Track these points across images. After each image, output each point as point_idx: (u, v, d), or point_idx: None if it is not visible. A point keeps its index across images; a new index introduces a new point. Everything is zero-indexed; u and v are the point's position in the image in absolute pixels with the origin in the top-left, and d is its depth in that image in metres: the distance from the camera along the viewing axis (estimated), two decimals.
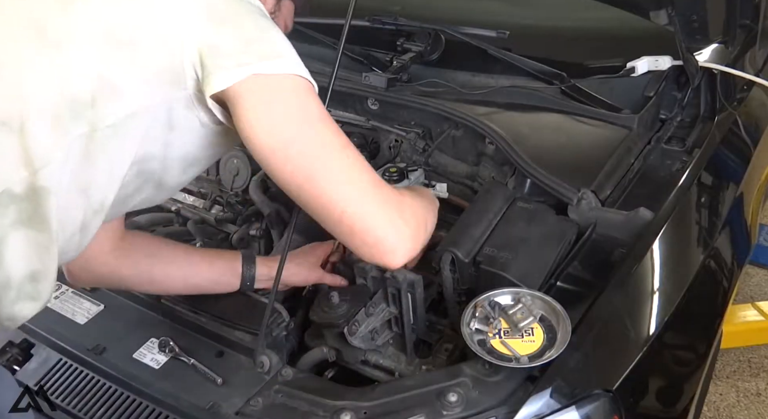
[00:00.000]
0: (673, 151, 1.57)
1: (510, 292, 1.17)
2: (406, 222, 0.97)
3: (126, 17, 0.92)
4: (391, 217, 0.96)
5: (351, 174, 0.95)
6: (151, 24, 0.92)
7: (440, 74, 1.78)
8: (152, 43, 0.92)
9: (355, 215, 0.94)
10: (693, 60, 1.62)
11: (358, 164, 0.96)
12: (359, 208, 0.94)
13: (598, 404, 1.05)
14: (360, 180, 0.95)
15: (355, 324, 1.22)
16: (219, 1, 0.96)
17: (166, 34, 0.92)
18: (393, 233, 0.96)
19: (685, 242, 1.39)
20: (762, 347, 2.39)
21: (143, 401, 1.16)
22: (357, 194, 0.94)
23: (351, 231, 0.95)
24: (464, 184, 1.66)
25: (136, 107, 0.92)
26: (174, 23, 0.92)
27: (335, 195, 0.93)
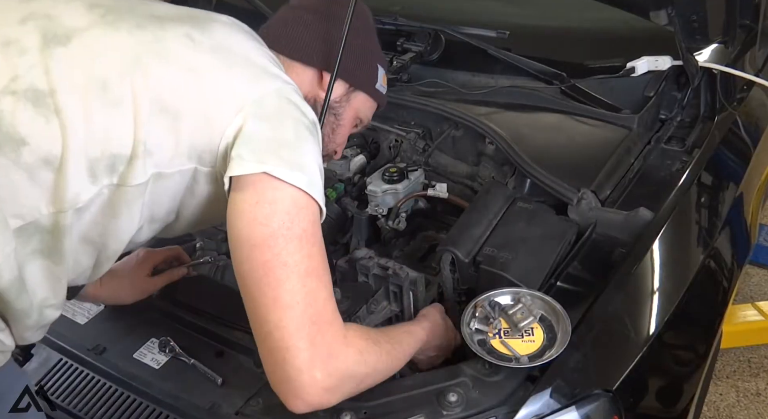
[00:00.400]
0: (673, 151, 1.57)
1: (510, 292, 1.17)
2: (328, 374, 0.93)
3: (179, 87, 0.95)
4: (312, 363, 0.92)
5: (298, 302, 0.92)
6: (200, 100, 0.96)
7: (440, 74, 1.78)
8: (196, 119, 0.95)
9: (280, 342, 0.92)
10: (693, 60, 1.62)
11: (311, 296, 0.93)
12: (287, 338, 0.91)
13: (598, 404, 1.04)
14: (304, 312, 0.92)
15: (356, 322, 1.22)
16: (272, 98, 0.99)
17: (213, 115, 0.96)
18: (306, 380, 0.92)
19: (685, 242, 1.39)
20: (762, 347, 2.39)
21: (143, 401, 1.16)
22: (293, 324, 0.92)
23: (269, 354, 0.94)
24: (464, 184, 1.66)
25: (166, 173, 0.96)
26: (223, 107, 0.96)
27: (272, 314, 0.92)
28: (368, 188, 1.61)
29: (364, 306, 1.25)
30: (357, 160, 1.78)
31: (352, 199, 1.66)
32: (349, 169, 1.75)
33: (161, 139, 0.94)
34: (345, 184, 1.69)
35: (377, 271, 1.26)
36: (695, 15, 1.64)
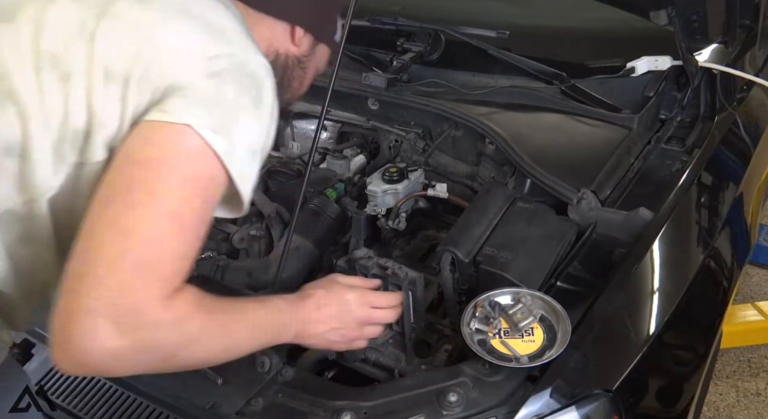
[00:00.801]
0: (672, 151, 1.57)
1: (510, 292, 1.17)
2: (121, 332, 0.76)
3: (126, 51, 0.87)
4: (108, 309, 0.76)
5: (136, 234, 0.79)
6: (148, 63, 0.87)
7: (440, 74, 1.78)
8: (143, 84, 0.87)
9: (82, 266, 0.79)
10: (693, 60, 1.62)
11: (157, 240, 0.81)
12: (93, 264, 0.78)
13: (598, 404, 1.05)
14: (134, 249, 0.79)
15: None
16: (222, 61, 0.90)
17: (159, 77, 0.87)
18: (88, 326, 0.75)
19: (685, 242, 1.39)
20: (762, 347, 2.39)
21: (143, 401, 1.16)
22: (113, 254, 0.78)
23: (65, 279, 0.79)
24: (464, 184, 1.66)
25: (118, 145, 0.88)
26: (171, 68, 0.88)
27: (99, 233, 0.80)
28: (368, 188, 1.61)
29: None
30: (357, 160, 1.78)
31: (352, 198, 1.66)
32: (349, 169, 1.75)
33: (112, 109, 0.87)
34: (345, 184, 1.69)
35: (376, 271, 1.26)
36: (695, 15, 1.64)
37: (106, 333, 0.75)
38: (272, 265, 1.44)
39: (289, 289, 1.43)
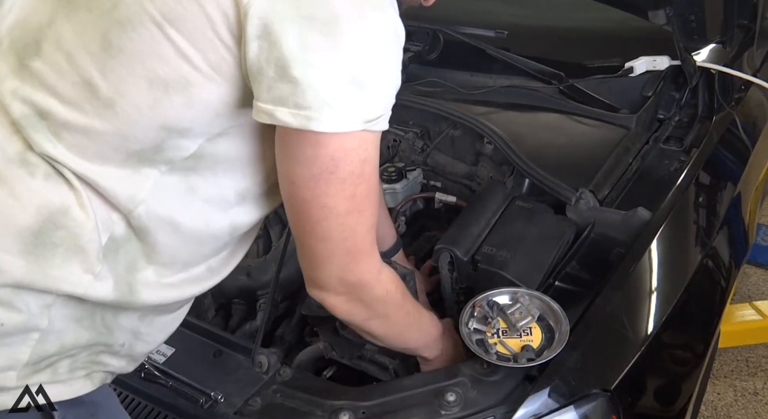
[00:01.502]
0: (671, 151, 1.57)
1: (508, 292, 1.17)
2: (349, 299, 0.97)
3: (168, 54, 0.80)
4: (339, 286, 0.95)
5: (333, 237, 0.90)
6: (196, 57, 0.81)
7: (439, 74, 1.78)
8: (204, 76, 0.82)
9: (313, 260, 0.93)
10: (691, 60, 1.63)
11: (349, 231, 0.91)
12: (321, 259, 0.93)
13: (596, 403, 1.05)
14: (339, 245, 0.91)
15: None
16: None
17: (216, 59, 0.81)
18: (329, 295, 0.96)
19: (683, 242, 1.39)
20: (759, 346, 2.40)
21: (143, 401, 1.16)
22: (327, 252, 0.92)
23: (304, 256, 0.95)
24: (463, 184, 1.66)
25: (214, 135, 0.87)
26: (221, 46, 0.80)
27: (308, 239, 0.92)
28: None
29: None
30: None
31: None
32: None
33: (180, 115, 0.85)
34: None
35: None
36: (693, 15, 1.64)
37: (343, 301, 0.97)
38: (271, 265, 1.44)
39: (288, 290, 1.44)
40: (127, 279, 0.89)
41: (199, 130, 0.84)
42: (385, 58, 0.83)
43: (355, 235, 0.91)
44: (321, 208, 0.87)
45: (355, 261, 0.93)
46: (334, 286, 0.95)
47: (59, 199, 0.83)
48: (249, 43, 0.77)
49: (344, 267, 0.93)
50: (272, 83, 0.78)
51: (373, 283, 0.97)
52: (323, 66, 0.78)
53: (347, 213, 0.88)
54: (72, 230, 0.83)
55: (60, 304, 0.86)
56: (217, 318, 1.51)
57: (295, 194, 0.88)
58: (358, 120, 0.81)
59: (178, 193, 0.88)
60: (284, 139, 0.85)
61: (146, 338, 0.99)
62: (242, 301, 1.50)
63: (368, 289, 0.97)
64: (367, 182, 0.88)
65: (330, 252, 0.92)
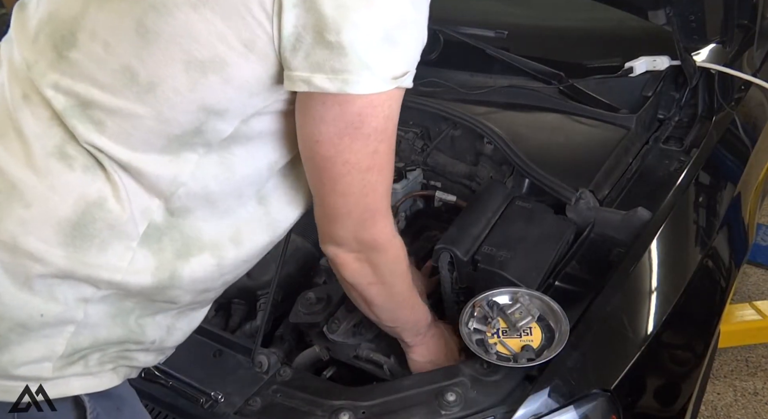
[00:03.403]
0: (670, 151, 1.57)
1: (508, 292, 1.17)
2: (363, 257, 0.99)
3: (203, 35, 0.81)
4: (354, 243, 0.97)
5: (354, 192, 0.92)
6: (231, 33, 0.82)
7: (438, 74, 1.78)
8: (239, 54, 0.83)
9: (333, 215, 0.95)
10: (691, 60, 1.63)
11: (369, 188, 0.93)
12: (340, 216, 0.95)
13: (596, 403, 1.05)
14: (358, 201, 0.93)
15: (335, 322, 1.22)
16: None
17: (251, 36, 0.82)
18: (342, 251, 0.99)
19: (683, 242, 1.39)
20: (759, 346, 2.40)
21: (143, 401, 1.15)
22: (347, 208, 0.94)
23: (323, 214, 0.97)
24: (463, 184, 1.66)
25: (249, 115, 0.89)
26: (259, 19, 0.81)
27: (329, 197, 0.94)
28: None
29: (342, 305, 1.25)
30: None
31: None
32: None
33: (217, 96, 0.88)
34: None
35: None
36: (693, 15, 1.64)
37: (356, 257, 0.99)
38: (271, 265, 1.44)
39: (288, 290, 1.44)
40: (174, 265, 0.91)
41: (235, 111, 0.86)
42: (414, 12, 0.85)
43: (375, 193, 0.93)
44: (344, 163, 0.88)
45: (373, 219, 0.96)
46: (348, 242, 0.97)
47: (96, 192, 0.85)
48: (285, 12, 0.79)
49: (361, 224, 0.95)
50: (310, 49, 0.80)
51: (387, 246, 1.00)
52: (360, 24, 0.79)
53: (369, 169, 0.90)
54: (108, 221, 0.85)
55: (97, 300, 0.89)
56: (217, 318, 1.51)
57: (318, 152, 0.89)
58: (390, 78, 0.84)
59: (216, 173, 0.91)
60: (309, 102, 0.85)
61: (176, 333, 1.03)
62: (242, 301, 1.50)
63: (381, 251, 0.99)
64: (389, 139, 0.91)
65: (349, 208, 0.93)
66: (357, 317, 1.26)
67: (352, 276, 1.02)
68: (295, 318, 1.25)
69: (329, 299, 1.26)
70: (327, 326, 1.21)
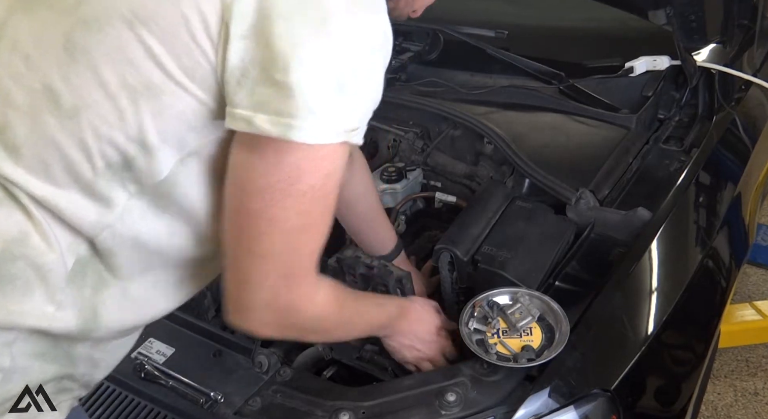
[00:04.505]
0: (671, 151, 1.57)
1: (508, 292, 1.17)
2: (278, 324, 0.87)
3: (139, 58, 0.74)
4: (267, 309, 0.85)
5: (273, 254, 0.81)
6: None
7: (439, 74, 1.78)
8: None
9: (244, 280, 0.83)
10: (691, 60, 1.63)
11: (292, 251, 0.83)
12: (252, 281, 0.83)
13: (597, 403, 1.05)
14: (276, 266, 0.83)
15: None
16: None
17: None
18: (255, 317, 0.86)
19: (683, 242, 1.39)
20: (760, 346, 2.40)
21: (142, 401, 1.16)
22: (262, 273, 0.83)
23: (232, 276, 0.84)
24: (463, 184, 1.66)
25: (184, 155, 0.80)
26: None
27: (244, 260, 0.82)
28: None
29: None
30: None
31: None
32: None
33: (151, 125, 0.80)
34: None
35: (363, 270, 1.27)
36: (693, 15, 1.65)
37: (268, 324, 0.88)
38: None
39: None
40: (93, 301, 0.83)
41: (170, 146, 0.78)
42: (371, 64, 0.78)
43: (298, 256, 0.83)
44: (269, 220, 0.78)
45: (290, 284, 0.84)
46: (259, 310, 0.85)
47: (15, 227, 0.76)
48: (232, 42, 0.72)
49: (276, 291, 0.84)
50: (255, 86, 0.72)
51: (307, 306, 0.88)
52: (312, 65, 0.72)
53: (296, 230, 0.80)
54: (33, 260, 0.77)
55: (21, 340, 0.80)
56: (217, 318, 1.51)
57: (242, 203, 0.78)
58: (339, 130, 0.76)
59: (147, 215, 0.82)
60: (246, 145, 0.76)
61: (101, 364, 0.94)
62: None
63: (299, 313, 0.88)
64: (326, 199, 0.81)
65: (265, 273, 0.82)
66: None
67: (272, 337, 0.93)
68: None
69: None
70: None
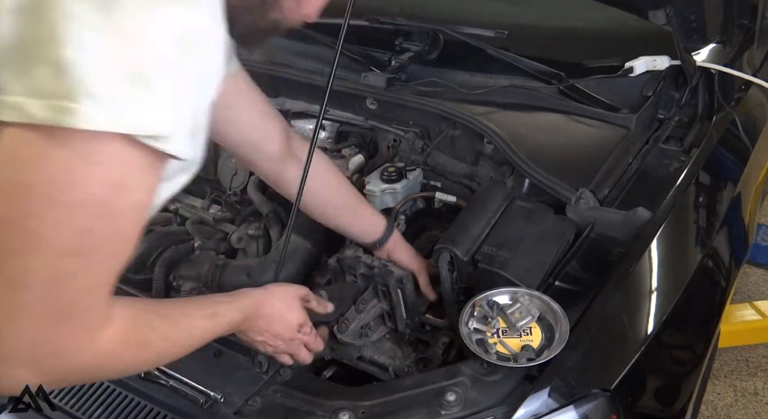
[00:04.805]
0: (670, 151, 1.57)
1: (508, 292, 1.17)
2: (40, 373, 0.69)
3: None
4: (20, 358, 0.67)
5: (36, 284, 0.64)
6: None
7: (439, 74, 1.78)
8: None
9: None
10: (691, 60, 1.63)
11: (64, 282, 0.66)
12: (3, 318, 0.66)
13: (596, 403, 1.05)
14: (41, 300, 0.65)
15: (344, 322, 1.22)
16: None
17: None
18: (2, 371, 0.68)
19: (683, 242, 1.39)
20: (759, 346, 2.40)
21: (142, 401, 1.16)
22: (19, 309, 0.65)
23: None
24: (463, 184, 1.66)
25: None
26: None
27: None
28: (367, 188, 1.61)
29: (352, 306, 1.25)
30: (355, 159, 1.78)
31: None
32: (347, 169, 1.76)
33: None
34: None
35: (364, 271, 1.27)
36: (693, 15, 1.65)
37: (27, 377, 0.69)
38: (271, 265, 1.44)
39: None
40: None
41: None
42: (179, 63, 0.66)
43: (71, 289, 0.66)
44: (27, 235, 0.62)
45: (58, 324, 0.66)
46: (12, 360, 0.67)
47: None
48: (1, 16, 0.62)
49: (38, 332, 0.66)
50: (27, 68, 0.61)
51: (82, 351, 0.70)
52: (93, 46, 0.61)
53: (69, 254, 0.64)
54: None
55: None
56: None
57: (1, 212, 0.62)
58: (129, 124, 0.63)
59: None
60: (14, 139, 0.62)
61: None
62: None
63: (71, 360, 0.70)
64: (117, 219, 0.66)
65: (20, 307, 0.65)
66: (365, 319, 1.26)
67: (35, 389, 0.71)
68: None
69: (342, 299, 1.26)
70: (337, 326, 1.21)
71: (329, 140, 1.88)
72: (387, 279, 1.22)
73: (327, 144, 1.86)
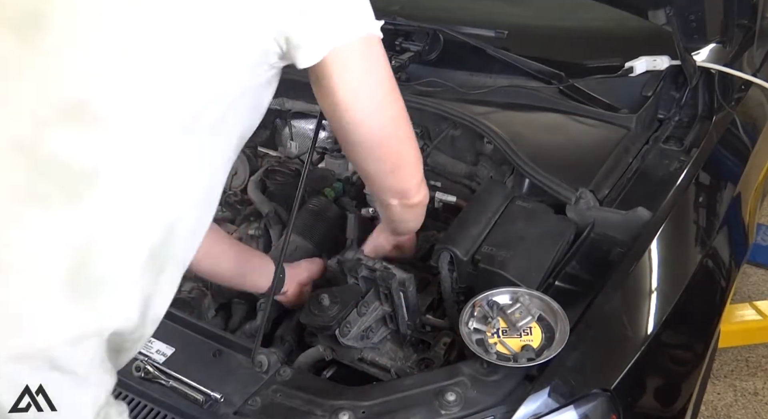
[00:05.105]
0: (670, 151, 1.57)
1: (508, 292, 1.17)
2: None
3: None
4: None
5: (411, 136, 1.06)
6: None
7: (439, 74, 1.78)
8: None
9: (407, 161, 1.07)
10: (691, 60, 1.63)
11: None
12: (413, 156, 1.08)
13: (596, 403, 1.05)
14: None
15: (346, 326, 1.22)
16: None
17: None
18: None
19: (683, 242, 1.39)
20: (759, 346, 2.40)
21: (142, 401, 1.16)
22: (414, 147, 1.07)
23: (393, 174, 1.08)
24: (463, 184, 1.66)
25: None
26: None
27: (404, 146, 1.05)
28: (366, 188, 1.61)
29: (354, 308, 1.25)
30: None
31: (351, 198, 1.66)
32: (347, 169, 1.76)
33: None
34: (343, 184, 1.69)
35: (365, 273, 1.26)
36: (693, 15, 1.64)
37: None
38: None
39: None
40: (151, 290, 0.85)
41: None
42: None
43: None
44: (402, 105, 1.01)
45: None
46: (419, 180, 1.12)
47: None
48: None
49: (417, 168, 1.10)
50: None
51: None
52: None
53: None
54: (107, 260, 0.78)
55: (95, 349, 0.81)
56: (217, 318, 1.51)
57: (390, 104, 0.99)
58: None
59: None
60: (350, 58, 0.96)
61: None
62: (242, 301, 1.50)
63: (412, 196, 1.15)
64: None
65: (411, 151, 1.06)
66: (368, 321, 1.26)
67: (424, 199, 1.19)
68: (306, 319, 1.24)
69: (343, 302, 1.25)
70: (339, 330, 1.21)
71: (329, 140, 1.88)
72: (389, 282, 1.21)
73: (327, 144, 1.86)
